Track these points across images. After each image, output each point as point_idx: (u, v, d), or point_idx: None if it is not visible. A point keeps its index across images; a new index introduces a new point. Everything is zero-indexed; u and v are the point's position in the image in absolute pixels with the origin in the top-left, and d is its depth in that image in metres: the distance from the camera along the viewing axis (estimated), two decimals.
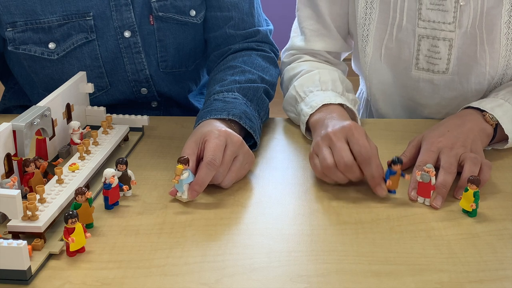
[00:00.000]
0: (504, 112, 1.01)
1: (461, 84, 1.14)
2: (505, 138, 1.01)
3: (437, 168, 0.91)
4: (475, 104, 1.03)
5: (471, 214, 0.84)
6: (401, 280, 0.71)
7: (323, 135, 0.92)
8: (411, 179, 0.90)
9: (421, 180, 0.87)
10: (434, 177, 0.86)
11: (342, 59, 1.29)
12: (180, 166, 0.86)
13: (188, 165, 0.87)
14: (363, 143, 0.89)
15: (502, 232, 0.81)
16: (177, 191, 0.88)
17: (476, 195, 0.83)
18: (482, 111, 1.01)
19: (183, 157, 0.87)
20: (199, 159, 0.90)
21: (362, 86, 1.39)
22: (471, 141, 0.95)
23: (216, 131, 0.91)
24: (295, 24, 1.25)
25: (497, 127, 1.01)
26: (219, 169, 0.89)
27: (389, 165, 0.87)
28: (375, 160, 0.88)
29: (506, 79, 1.11)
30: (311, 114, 1.04)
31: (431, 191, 0.87)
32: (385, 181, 0.88)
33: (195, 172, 0.89)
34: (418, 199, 0.88)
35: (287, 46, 1.26)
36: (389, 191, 0.89)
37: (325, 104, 1.03)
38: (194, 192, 0.87)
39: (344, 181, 0.91)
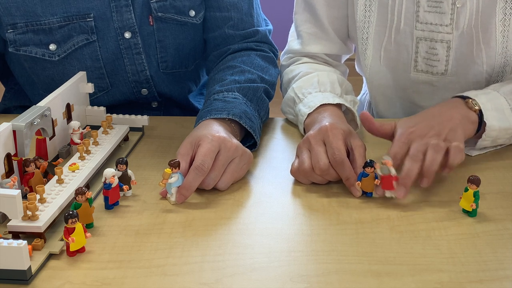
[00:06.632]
0: (489, 99, 0.99)
1: (460, 85, 1.14)
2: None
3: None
4: (460, 93, 1.02)
5: (471, 214, 0.84)
6: (401, 280, 0.71)
7: (304, 138, 0.95)
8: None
9: (381, 174, 0.86)
10: (391, 167, 0.85)
11: (343, 61, 1.28)
12: (167, 170, 0.86)
13: (178, 169, 0.87)
14: (336, 146, 0.90)
15: (502, 232, 0.81)
16: (167, 193, 0.88)
17: (476, 195, 0.83)
18: (465, 98, 1.00)
19: (174, 160, 0.87)
20: (193, 162, 0.90)
21: (366, 87, 1.38)
22: (448, 130, 0.92)
23: (210, 136, 0.91)
24: (293, 27, 1.25)
25: (481, 115, 0.98)
26: (210, 174, 0.89)
27: (363, 167, 0.88)
28: (347, 162, 0.89)
29: (505, 77, 1.11)
30: (308, 114, 1.04)
31: (393, 182, 0.86)
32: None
33: (186, 173, 0.88)
34: (385, 193, 0.87)
35: (285, 49, 1.26)
36: (366, 194, 0.89)
37: (323, 104, 1.03)
38: (182, 196, 0.87)
39: (323, 182, 0.92)
